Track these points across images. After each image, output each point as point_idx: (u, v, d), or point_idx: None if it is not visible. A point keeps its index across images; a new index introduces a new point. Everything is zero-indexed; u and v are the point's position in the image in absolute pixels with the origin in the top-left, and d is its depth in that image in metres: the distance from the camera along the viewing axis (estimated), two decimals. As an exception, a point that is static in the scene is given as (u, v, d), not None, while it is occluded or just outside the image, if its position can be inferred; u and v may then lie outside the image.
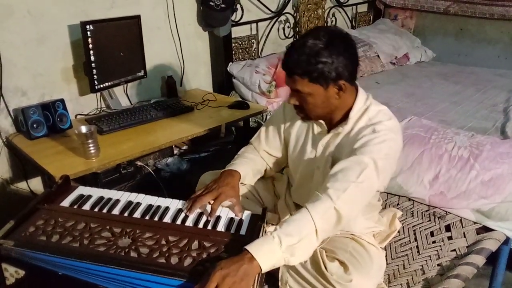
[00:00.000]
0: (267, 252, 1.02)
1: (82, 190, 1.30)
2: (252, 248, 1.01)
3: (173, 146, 2.53)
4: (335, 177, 1.18)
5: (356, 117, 1.29)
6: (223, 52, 2.74)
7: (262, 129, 1.55)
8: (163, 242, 1.08)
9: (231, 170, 1.40)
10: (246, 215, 1.22)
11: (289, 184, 1.61)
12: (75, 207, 1.21)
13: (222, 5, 2.51)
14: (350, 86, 1.26)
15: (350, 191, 1.15)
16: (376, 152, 1.20)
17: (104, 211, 1.20)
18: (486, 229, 1.62)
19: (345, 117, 1.30)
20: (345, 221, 1.15)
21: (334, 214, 1.13)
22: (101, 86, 2.10)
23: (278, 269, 1.35)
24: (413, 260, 1.51)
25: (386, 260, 1.52)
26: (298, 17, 3.29)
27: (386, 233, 1.54)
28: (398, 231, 1.63)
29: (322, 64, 1.16)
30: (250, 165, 1.47)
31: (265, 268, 1.01)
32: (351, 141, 1.27)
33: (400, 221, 1.65)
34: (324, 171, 1.36)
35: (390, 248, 1.59)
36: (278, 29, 3.19)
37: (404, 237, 1.63)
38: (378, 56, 3.42)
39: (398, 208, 1.73)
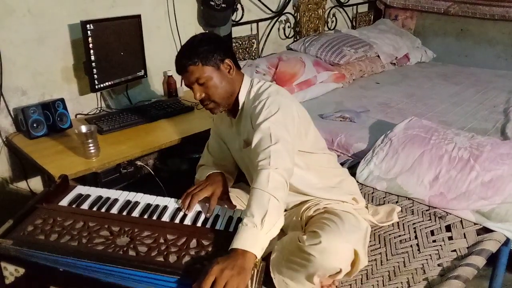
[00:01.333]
0: (249, 239, 1.04)
1: (80, 189, 1.30)
2: (236, 244, 1.03)
3: (173, 146, 2.52)
4: (256, 152, 1.26)
5: (246, 97, 1.44)
6: (223, 52, 2.74)
7: (205, 149, 1.66)
8: (162, 240, 1.08)
9: (215, 172, 1.45)
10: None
11: None
12: (74, 206, 1.21)
13: (223, 5, 2.51)
14: (237, 71, 1.45)
15: (273, 153, 1.22)
16: (268, 113, 1.32)
17: (103, 210, 1.21)
18: (486, 230, 1.61)
19: (237, 101, 1.45)
20: (288, 176, 1.23)
21: (275, 174, 1.18)
22: (101, 85, 2.10)
23: (269, 264, 1.35)
24: (414, 258, 1.51)
25: (386, 256, 1.52)
26: (298, 17, 3.29)
27: (383, 223, 1.60)
28: (398, 227, 1.64)
29: (205, 49, 1.36)
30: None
31: (258, 253, 1.03)
32: (250, 119, 1.39)
33: (399, 218, 1.67)
34: (249, 155, 1.41)
35: (390, 244, 1.59)
36: (279, 29, 3.19)
37: (404, 234, 1.62)
38: (378, 56, 3.42)
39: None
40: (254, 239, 1.05)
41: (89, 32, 1.97)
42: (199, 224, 1.18)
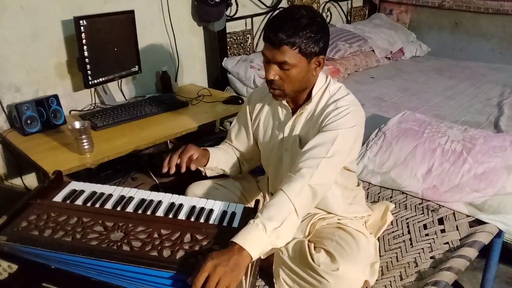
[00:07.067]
0: (254, 240, 1.04)
1: (74, 185, 1.30)
2: (238, 239, 1.03)
3: (168, 142, 2.53)
4: (306, 155, 1.22)
5: (318, 95, 1.35)
6: (217, 47, 2.74)
7: (232, 126, 1.62)
8: (156, 235, 1.08)
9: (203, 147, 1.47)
10: (239, 208, 1.23)
11: (269, 182, 1.62)
12: (68, 202, 1.21)
13: (217, 0, 2.51)
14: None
15: (322, 167, 1.19)
16: (342, 125, 1.25)
17: (97, 205, 1.20)
18: (479, 222, 1.63)
19: (308, 97, 1.36)
20: (321, 195, 1.21)
21: (309, 191, 1.17)
22: (95, 81, 2.10)
23: (272, 263, 1.36)
24: (406, 252, 1.52)
25: (380, 252, 1.53)
26: (293, 12, 3.28)
27: (378, 225, 1.56)
28: (391, 223, 1.64)
29: (311, 37, 1.22)
30: (223, 153, 1.54)
31: (255, 255, 1.03)
32: (316, 119, 1.33)
33: (393, 213, 1.67)
34: (292, 152, 1.40)
35: (383, 240, 1.60)
36: (273, 24, 3.18)
37: (397, 230, 1.64)
38: (373, 50, 3.43)
39: (391, 201, 1.74)
40: (258, 242, 1.04)
41: (82, 28, 1.96)
42: (193, 218, 1.18)
